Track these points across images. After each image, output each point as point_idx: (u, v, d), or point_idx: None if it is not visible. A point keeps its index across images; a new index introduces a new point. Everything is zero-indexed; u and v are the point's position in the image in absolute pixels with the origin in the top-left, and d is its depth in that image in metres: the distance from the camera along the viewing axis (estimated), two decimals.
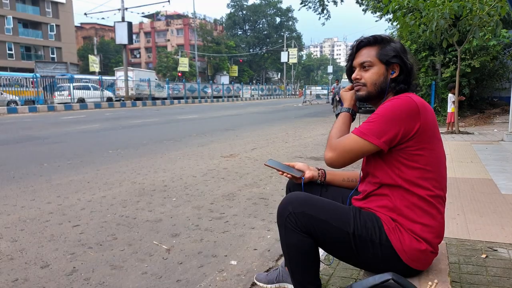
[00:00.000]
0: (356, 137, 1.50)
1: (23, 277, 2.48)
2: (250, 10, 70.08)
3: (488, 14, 7.21)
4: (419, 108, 1.46)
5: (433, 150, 1.51)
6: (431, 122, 1.50)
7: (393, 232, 1.51)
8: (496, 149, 6.73)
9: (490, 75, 13.26)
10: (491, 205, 3.56)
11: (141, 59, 65.13)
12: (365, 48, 1.65)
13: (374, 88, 1.62)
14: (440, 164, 1.55)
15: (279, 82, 71.99)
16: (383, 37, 1.64)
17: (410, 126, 1.46)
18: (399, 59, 1.60)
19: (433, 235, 1.52)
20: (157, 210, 3.86)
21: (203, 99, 36.61)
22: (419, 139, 1.47)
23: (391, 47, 1.61)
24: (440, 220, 1.56)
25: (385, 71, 1.61)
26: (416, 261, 1.51)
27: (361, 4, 21.10)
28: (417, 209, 1.51)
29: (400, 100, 1.49)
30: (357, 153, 1.52)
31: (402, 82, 1.61)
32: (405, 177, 1.51)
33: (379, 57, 1.61)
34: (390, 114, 1.47)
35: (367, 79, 1.62)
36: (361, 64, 1.64)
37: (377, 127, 1.47)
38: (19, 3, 43.77)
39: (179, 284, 2.40)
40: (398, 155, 1.51)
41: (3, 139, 9.16)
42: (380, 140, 1.46)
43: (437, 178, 1.53)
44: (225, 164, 6.18)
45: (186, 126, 12.59)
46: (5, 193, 4.50)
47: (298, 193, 1.64)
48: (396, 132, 1.46)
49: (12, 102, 22.02)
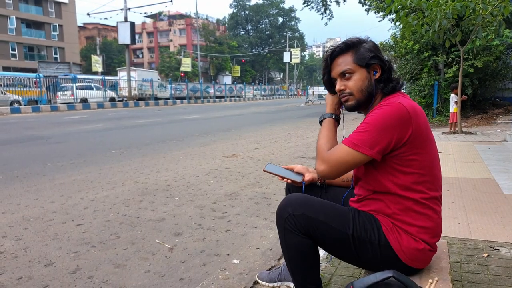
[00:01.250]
0: (348, 149, 1.47)
1: (27, 275, 2.50)
2: (252, 10, 70.07)
3: (491, 14, 7.19)
4: (410, 114, 1.43)
5: (426, 153, 1.50)
6: (423, 125, 1.48)
7: (391, 232, 1.52)
8: (498, 149, 6.72)
9: (493, 75, 13.21)
10: (493, 204, 3.56)
11: (144, 59, 65.24)
12: (339, 57, 1.59)
13: (362, 94, 1.57)
14: (434, 166, 1.54)
15: (281, 82, 72.04)
16: (354, 41, 1.58)
17: (403, 133, 1.43)
18: (377, 58, 1.55)
19: (430, 235, 1.53)
20: (159, 209, 3.88)
21: (206, 99, 36.66)
22: (412, 144, 1.46)
23: (365, 48, 1.56)
24: (437, 220, 1.55)
25: (367, 74, 1.56)
26: (415, 260, 1.52)
27: (364, 4, 21.08)
28: (412, 212, 1.51)
29: (390, 107, 1.45)
30: (351, 165, 1.50)
31: (387, 81, 1.57)
32: (399, 183, 1.50)
33: (357, 62, 1.55)
34: (381, 123, 1.43)
35: (352, 87, 1.57)
36: (341, 74, 1.58)
37: (369, 137, 1.44)
38: (22, 3, 43.92)
39: (181, 282, 2.41)
40: (391, 161, 1.49)
41: (6, 139, 9.21)
42: (373, 150, 1.44)
43: (431, 180, 1.52)
44: (227, 164, 6.19)
45: (189, 126, 12.62)
46: (9, 192, 4.53)
47: (297, 195, 1.64)
48: (388, 141, 1.43)
49: (15, 102, 22.12)
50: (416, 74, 13.02)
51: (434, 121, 12.30)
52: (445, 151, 6.62)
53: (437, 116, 12.63)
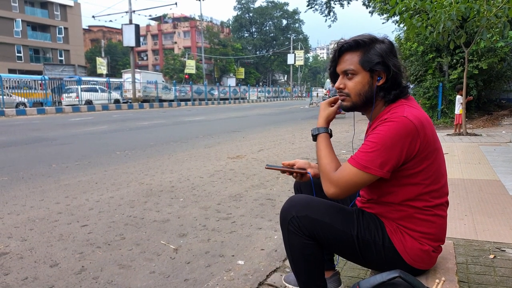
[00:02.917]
0: (357, 171, 1.41)
1: (32, 276, 2.51)
2: (256, 13, 70.21)
3: (496, 16, 7.16)
4: (417, 128, 1.39)
5: (433, 163, 1.46)
6: (430, 136, 1.44)
7: (395, 234, 1.51)
8: (504, 151, 6.68)
9: (498, 76, 13.15)
10: (499, 206, 3.54)
11: (148, 61, 65.45)
12: (347, 53, 1.53)
13: (359, 98, 1.52)
14: (440, 174, 1.51)
15: (285, 84, 71.92)
16: (365, 40, 1.50)
17: (411, 148, 1.40)
18: (383, 65, 1.47)
19: (433, 240, 1.52)
20: (164, 210, 3.89)
21: (210, 101, 36.69)
22: (420, 157, 1.43)
23: (376, 51, 1.48)
24: (441, 226, 1.54)
25: (370, 78, 1.50)
26: (419, 261, 1.52)
27: (368, 6, 21.08)
28: (414, 219, 1.50)
29: (396, 123, 1.39)
30: (360, 185, 1.45)
31: (391, 88, 1.50)
32: (403, 195, 1.49)
33: (362, 64, 1.49)
34: (389, 141, 1.38)
35: (351, 89, 1.52)
36: (343, 72, 1.54)
37: (377, 157, 1.39)
38: (28, 6, 44.21)
39: (186, 283, 2.41)
40: (397, 175, 1.46)
41: (12, 141, 9.26)
42: (384, 170, 1.40)
43: (437, 188, 1.49)
44: (232, 165, 6.19)
45: (193, 128, 12.64)
46: (14, 193, 4.55)
47: (300, 196, 1.63)
48: (398, 159, 1.40)
49: (21, 104, 22.22)
50: (420, 76, 12.99)
51: (439, 122, 12.26)
52: (451, 152, 6.59)
53: (441, 117, 12.58)
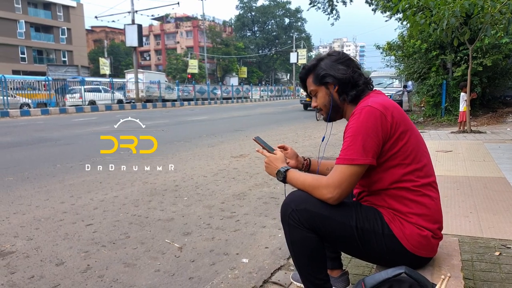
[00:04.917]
0: (346, 166, 1.51)
1: (39, 274, 2.52)
2: (259, 12, 70.08)
3: (500, 12, 7.11)
4: (381, 111, 1.51)
5: (408, 142, 1.55)
6: (398, 117, 1.54)
7: (393, 221, 1.56)
8: (509, 148, 6.65)
9: (503, 73, 13.07)
10: (505, 203, 3.53)
11: (151, 61, 65.53)
12: (307, 79, 1.78)
13: (327, 108, 1.74)
14: (419, 154, 1.59)
15: (288, 83, 71.87)
16: (312, 63, 1.75)
17: (384, 130, 1.51)
18: (329, 76, 1.67)
19: (429, 222, 1.56)
20: (168, 209, 3.90)
21: (213, 100, 36.68)
22: (394, 138, 1.52)
23: (320, 67, 1.70)
24: (434, 207, 1.58)
25: (326, 89, 1.72)
26: (420, 248, 1.54)
27: (371, 4, 20.99)
28: (407, 201, 1.56)
29: (363, 114, 1.52)
30: (355, 179, 1.53)
31: (348, 90, 1.67)
32: (388, 179, 1.57)
33: (315, 82, 1.73)
34: (362, 130, 1.50)
35: (319, 104, 1.76)
36: (310, 94, 1.80)
37: (358, 147, 1.50)
38: (31, 8, 44.37)
39: (191, 281, 2.42)
40: (380, 161, 1.55)
41: (17, 141, 9.31)
42: (369, 157, 1.50)
43: (419, 167, 1.57)
44: (235, 164, 6.20)
45: (196, 127, 12.65)
46: (19, 193, 4.57)
47: (299, 191, 1.65)
48: (377, 143, 1.50)
49: (25, 105, 22.31)
50: (424, 73, 12.94)
51: (443, 120, 12.22)
52: (455, 150, 6.57)
53: (446, 115, 12.53)
